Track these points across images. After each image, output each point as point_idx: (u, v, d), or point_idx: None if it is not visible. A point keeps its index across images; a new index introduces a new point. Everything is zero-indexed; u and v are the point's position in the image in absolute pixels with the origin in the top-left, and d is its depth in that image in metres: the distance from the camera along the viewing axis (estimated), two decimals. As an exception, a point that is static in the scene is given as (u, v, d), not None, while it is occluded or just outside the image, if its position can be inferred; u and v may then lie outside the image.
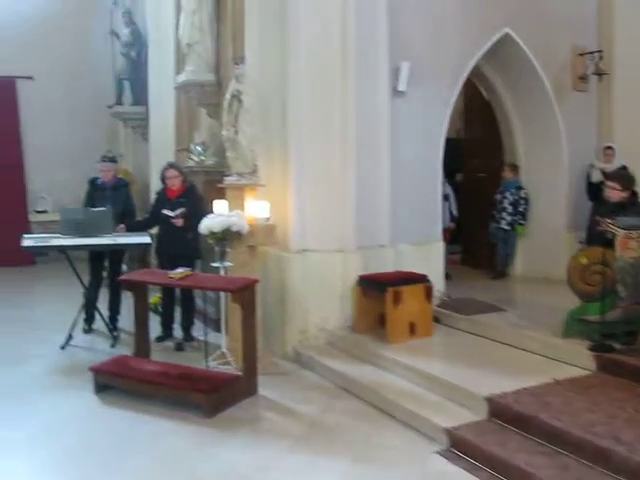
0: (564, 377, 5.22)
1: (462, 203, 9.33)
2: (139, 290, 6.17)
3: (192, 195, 7.11)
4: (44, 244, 7.03)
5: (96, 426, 5.12)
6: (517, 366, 5.57)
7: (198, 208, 6.91)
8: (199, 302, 7.38)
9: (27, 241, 7.12)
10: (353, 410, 5.38)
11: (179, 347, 6.98)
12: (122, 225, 7.27)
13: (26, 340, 7.40)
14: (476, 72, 8.05)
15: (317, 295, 6.51)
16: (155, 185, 9.76)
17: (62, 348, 6.99)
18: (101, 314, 7.48)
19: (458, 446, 4.59)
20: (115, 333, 7.33)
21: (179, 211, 6.91)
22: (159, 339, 7.06)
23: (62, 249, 7.16)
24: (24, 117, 12.79)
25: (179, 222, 6.92)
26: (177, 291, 7.25)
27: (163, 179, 7.11)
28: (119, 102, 11.94)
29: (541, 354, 5.78)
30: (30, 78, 12.77)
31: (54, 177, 12.66)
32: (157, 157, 10.06)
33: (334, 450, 4.67)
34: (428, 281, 6.45)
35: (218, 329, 6.74)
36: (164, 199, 7.09)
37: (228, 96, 6.35)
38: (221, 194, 6.99)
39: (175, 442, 4.83)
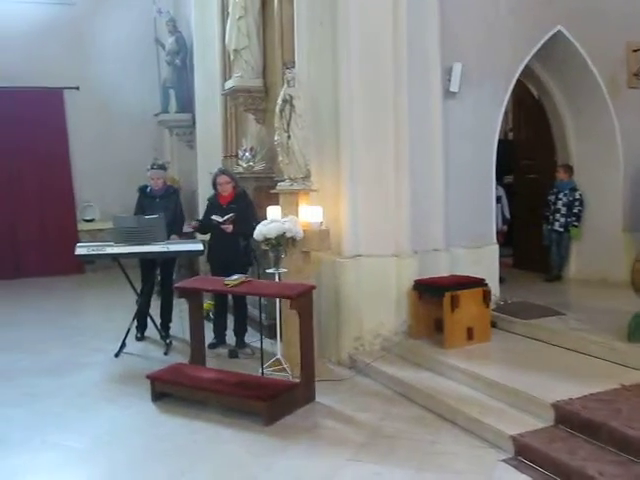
0: (631, 383, 5.05)
1: (513, 205, 9.17)
2: (194, 297, 6.16)
3: (243, 201, 7.08)
4: (98, 252, 7.07)
5: (155, 434, 5.09)
6: (581, 371, 5.41)
7: (249, 214, 6.88)
8: (250, 308, 7.35)
9: (80, 249, 7.16)
10: (412, 416, 5.27)
11: (233, 354, 6.94)
12: (175, 235, 7.29)
13: (81, 348, 7.46)
14: (526, 71, 7.88)
15: (372, 300, 6.42)
16: (203, 192, 9.81)
17: (116, 356, 7.02)
18: (154, 321, 7.51)
19: (525, 454, 4.46)
20: (168, 340, 7.33)
21: (228, 217, 6.89)
22: (212, 346, 7.04)
23: (115, 257, 7.19)
24: (71, 127, 12.96)
25: (228, 228, 6.90)
26: (229, 298, 7.23)
27: (214, 185, 7.09)
28: (165, 110, 12.01)
29: (605, 359, 5.60)
30: (76, 88, 12.93)
31: (101, 186, 12.80)
32: (204, 164, 10.10)
33: (397, 458, 4.57)
34: (486, 285, 6.32)
35: (271, 336, 6.72)
36: (216, 205, 7.07)
37: (280, 101, 6.31)
38: (271, 200, 6.97)
39: (235, 450, 4.78)
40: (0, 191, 12.25)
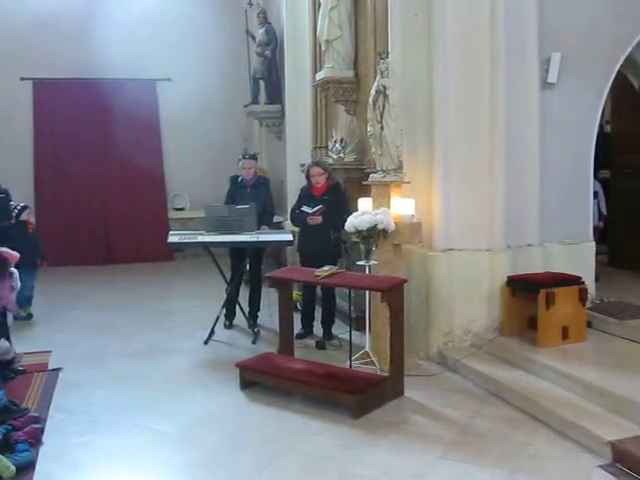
0: None
1: (609, 201, 8.82)
2: (284, 287, 6.17)
3: (337, 192, 7.05)
4: (190, 240, 7.18)
5: (244, 423, 5.13)
6: (685, 376, 5.16)
7: (343, 206, 6.85)
8: (337, 300, 7.33)
9: (172, 237, 7.30)
10: (503, 416, 5.14)
11: (320, 345, 6.94)
12: (265, 225, 7.33)
13: (170, 334, 7.62)
14: (626, 60, 7.54)
15: (463, 296, 6.30)
16: (291, 183, 9.86)
17: (205, 343, 7.12)
18: (243, 310, 7.58)
19: (623, 461, 4.27)
20: (255, 329, 7.39)
21: (317, 208, 6.88)
22: (299, 336, 7.03)
23: (206, 245, 7.29)
24: (163, 118, 13.25)
25: (316, 220, 6.89)
26: (318, 288, 7.22)
27: (307, 176, 7.09)
28: (255, 101, 12.10)
29: None
30: (168, 80, 13.21)
31: (191, 175, 13.04)
32: (293, 155, 10.14)
33: (488, 459, 4.46)
34: (582, 283, 6.10)
35: (358, 328, 6.68)
36: (308, 196, 7.07)
37: (373, 92, 6.25)
38: (360, 191, 6.92)
39: (323, 442, 4.76)
40: (94, 179, 12.65)
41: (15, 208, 8.36)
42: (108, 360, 6.70)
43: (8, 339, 6.34)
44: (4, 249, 5.73)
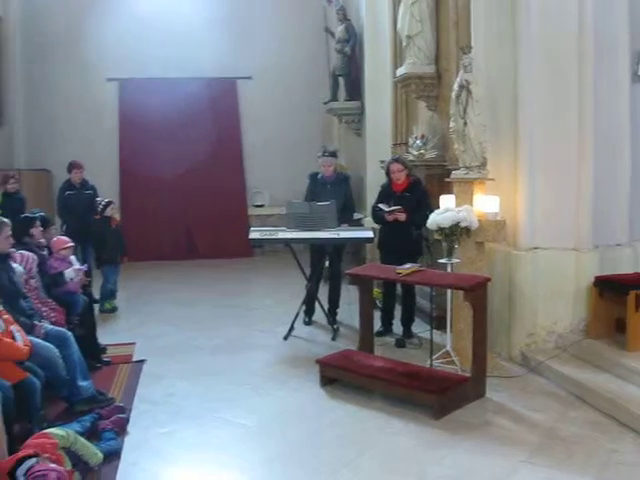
0: None
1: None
2: (364, 284, 6.15)
3: (417, 189, 6.97)
4: (270, 237, 7.24)
5: (323, 419, 5.13)
6: None
7: (424, 202, 6.78)
8: (417, 298, 7.26)
9: (254, 233, 7.37)
10: (589, 421, 4.98)
11: (400, 343, 6.89)
12: (345, 222, 7.34)
13: (251, 329, 7.71)
14: None
15: (547, 296, 6.13)
16: (371, 180, 9.82)
17: (285, 339, 7.17)
18: (322, 307, 7.60)
19: None
20: (335, 326, 7.38)
21: (394, 208, 6.82)
22: (378, 334, 6.98)
23: (287, 242, 7.32)
24: (244, 115, 13.42)
25: (391, 217, 6.84)
26: (398, 286, 7.17)
27: (388, 173, 7.04)
28: (334, 98, 12.09)
29: None
30: (249, 78, 13.36)
31: (271, 172, 13.19)
32: (373, 152, 10.09)
33: (573, 465, 4.31)
34: (675, 284, 5.85)
35: (439, 327, 6.60)
36: (389, 193, 7.02)
37: (456, 87, 6.14)
38: (442, 188, 6.83)
39: (403, 441, 4.72)
40: (176, 176, 12.91)
41: (100, 204, 8.60)
42: (190, 353, 6.82)
43: (94, 330, 6.52)
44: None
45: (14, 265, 5.46)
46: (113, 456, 4.47)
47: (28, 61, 12.76)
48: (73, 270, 6.29)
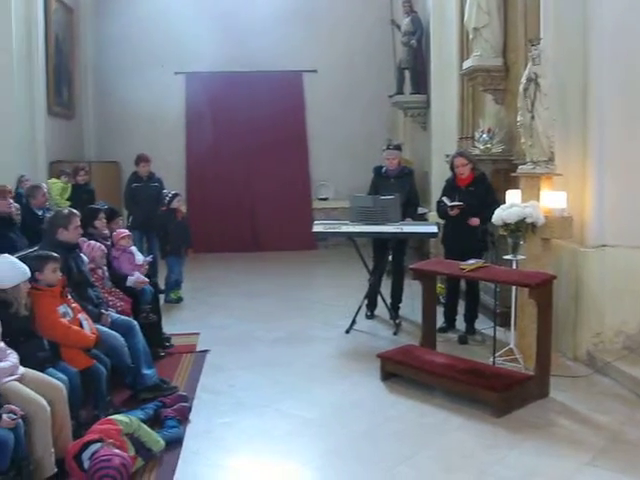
0: None
1: None
2: (428, 280, 6.10)
3: (482, 184, 6.86)
4: (334, 230, 7.25)
5: (383, 414, 5.11)
6: None
7: (489, 197, 6.67)
8: (481, 294, 7.16)
9: (317, 227, 7.39)
10: (658, 425, 4.84)
11: (462, 340, 6.81)
12: (409, 217, 7.29)
13: (313, 321, 7.74)
14: None
15: (616, 295, 5.95)
16: (436, 174, 9.73)
17: (347, 332, 7.17)
18: (385, 301, 7.57)
19: None
20: (397, 321, 7.35)
21: (456, 203, 6.74)
22: (441, 330, 6.91)
23: (350, 235, 7.32)
24: (309, 108, 13.47)
25: (454, 212, 6.76)
26: (462, 282, 7.09)
27: (452, 167, 6.96)
28: (400, 91, 12.03)
29: None
30: (314, 71, 13.39)
31: (335, 166, 13.21)
32: (438, 146, 9.99)
33: (639, 470, 4.19)
34: None
35: (502, 324, 6.51)
36: (453, 187, 6.94)
37: (524, 79, 6.03)
38: (509, 183, 6.72)
39: (463, 439, 4.67)
40: (242, 169, 13.07)
41: (166, 196, 8.75)
42: (252, 344, 6.89)
43: (159, 319, 6.65)
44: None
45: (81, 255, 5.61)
46: (175, 444, 4.55)
47: (98, 54, 13.10)
48: (136, 279, 6.38)
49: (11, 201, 6.41)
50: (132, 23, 12.74)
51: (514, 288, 5.95)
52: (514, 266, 5.89)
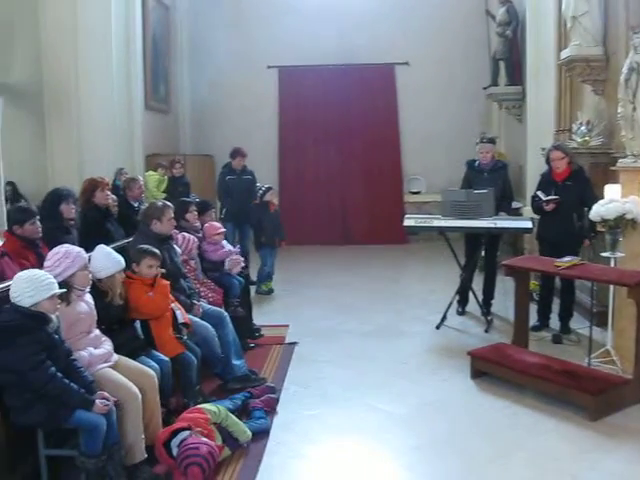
0: None
1: None
2: (521, 277, 5.94)
3: (580, 178, 6.62)
4: (425, 224, 7.17)
5: (473, 412, 5.03)
6: None
7: (587, 192, 6.44)
8: (577, 292, 6.93)
9: (408, 221, 7.33)
10: None
11: (556, 339, 6.59)
12: (503, 212, 7.13)
13: (403, 316, 7.70)
14: None
15: None
16: (531, 168, 9.46)
17: (437, 328, 7.09)
18: (476, 297, 7.42)
19: None
20: (488, 317, 7.21)
21: (551, 197, 6.53)
22: (534, 328, 6.72)
23: (442, 230, 7.22)
24: (401, 101, 13.36)
25: (549, 207, 6.55)
26: (556, 279, 6.88)
27: (548, 161, 6.75)
28: (494, 83, 11.77)
29: None
30: (406, 64, 13.27)
31: (428, 159, 13.07)
32: (534, 139, 9.69)
33: None
34: None
35: (599, 323, 6.28)
36: (549, 182, 6.72)
37: (625, 69, 5.78)
38: (608, 177, 6.45)
39: (555, 442, 4.52)
40: (333, 162, 13.11)
41: (260, 189, 8.86)
42: (341, 338, 6.90)
43: (250, 312, 6.75)
44: None
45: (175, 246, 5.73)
46: (261, 434, 4.61)
47: (194, 50, 13.38)
48: (232, 260, 6.50)
49: (109, 193, 6.61)
50: (228, 16, 12.98)
51: (612, 287, 5.73)
52: (612, 264, 5.67)
